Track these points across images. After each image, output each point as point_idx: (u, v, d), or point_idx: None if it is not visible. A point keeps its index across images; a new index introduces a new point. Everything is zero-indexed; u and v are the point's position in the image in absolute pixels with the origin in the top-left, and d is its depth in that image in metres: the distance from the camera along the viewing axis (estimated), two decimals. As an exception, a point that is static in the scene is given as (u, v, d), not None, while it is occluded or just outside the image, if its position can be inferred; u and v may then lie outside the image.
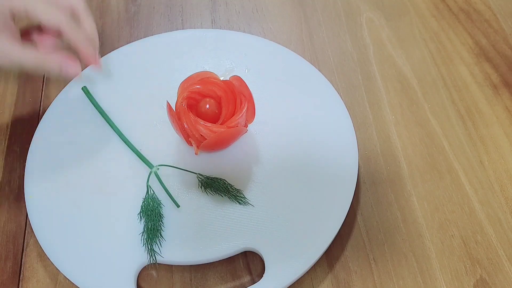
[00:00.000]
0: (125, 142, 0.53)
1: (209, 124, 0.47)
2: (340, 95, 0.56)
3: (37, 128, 0.54)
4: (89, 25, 0.49)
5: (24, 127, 0.57)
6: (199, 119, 0.47)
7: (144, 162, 0.52)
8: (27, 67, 0.43)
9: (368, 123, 0.57)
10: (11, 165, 0.54)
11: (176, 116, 0.48)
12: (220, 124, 0.48)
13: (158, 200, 0.49)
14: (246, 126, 0.51)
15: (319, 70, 0.58)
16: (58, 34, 0.47)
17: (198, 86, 0.50)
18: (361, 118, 0.58)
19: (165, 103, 0.48)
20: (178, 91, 0.50)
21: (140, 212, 0.48)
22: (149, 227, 0.46)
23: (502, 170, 0.54)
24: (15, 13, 0.44)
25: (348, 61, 0.63)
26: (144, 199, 0.48)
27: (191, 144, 0.50)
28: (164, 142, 0.53)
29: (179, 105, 0.49)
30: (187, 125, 0.48)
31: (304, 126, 0.54)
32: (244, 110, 0.48)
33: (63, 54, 0.46)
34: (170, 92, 0.55)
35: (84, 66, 0.50)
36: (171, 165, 0.51)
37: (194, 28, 0.66)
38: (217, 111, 0.49)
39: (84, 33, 0.48)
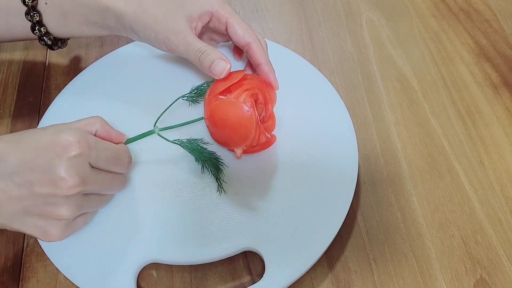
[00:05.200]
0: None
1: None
2: (340, 95, 0.56)
3: (37, 128, 0.54)
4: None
5: (24, 127, 0.57)
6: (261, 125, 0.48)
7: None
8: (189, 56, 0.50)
9: (368, 123, 0.57)
10: (11, 165, 0.54)
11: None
12: (263, 122, 0.50)
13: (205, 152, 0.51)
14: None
15: (319, 70, 0.58)
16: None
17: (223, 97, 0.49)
18: (361, 118, 0.58)
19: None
20: (205, 102, 0.49)
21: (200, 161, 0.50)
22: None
23: (502, 170, 0.54)
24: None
25: (348, 61, 0.63)
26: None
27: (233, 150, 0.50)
28: (161, 142, 0.53)
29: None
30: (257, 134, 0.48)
31: (304, 126, 0.54)
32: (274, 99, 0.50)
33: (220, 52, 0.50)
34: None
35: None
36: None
37: (194, 28, 0.66)
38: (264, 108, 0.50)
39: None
